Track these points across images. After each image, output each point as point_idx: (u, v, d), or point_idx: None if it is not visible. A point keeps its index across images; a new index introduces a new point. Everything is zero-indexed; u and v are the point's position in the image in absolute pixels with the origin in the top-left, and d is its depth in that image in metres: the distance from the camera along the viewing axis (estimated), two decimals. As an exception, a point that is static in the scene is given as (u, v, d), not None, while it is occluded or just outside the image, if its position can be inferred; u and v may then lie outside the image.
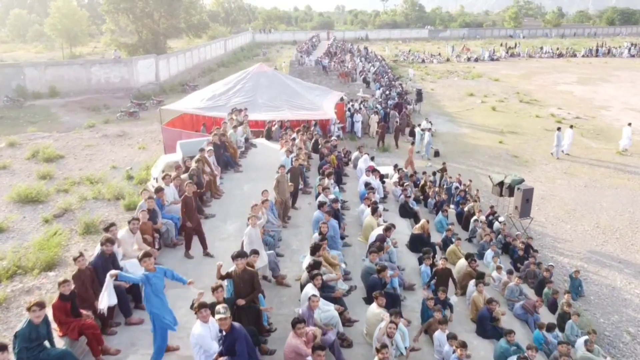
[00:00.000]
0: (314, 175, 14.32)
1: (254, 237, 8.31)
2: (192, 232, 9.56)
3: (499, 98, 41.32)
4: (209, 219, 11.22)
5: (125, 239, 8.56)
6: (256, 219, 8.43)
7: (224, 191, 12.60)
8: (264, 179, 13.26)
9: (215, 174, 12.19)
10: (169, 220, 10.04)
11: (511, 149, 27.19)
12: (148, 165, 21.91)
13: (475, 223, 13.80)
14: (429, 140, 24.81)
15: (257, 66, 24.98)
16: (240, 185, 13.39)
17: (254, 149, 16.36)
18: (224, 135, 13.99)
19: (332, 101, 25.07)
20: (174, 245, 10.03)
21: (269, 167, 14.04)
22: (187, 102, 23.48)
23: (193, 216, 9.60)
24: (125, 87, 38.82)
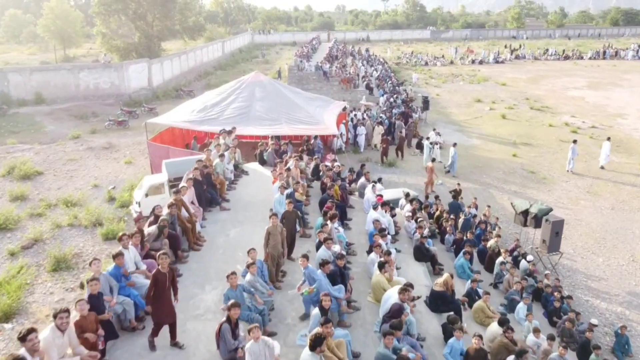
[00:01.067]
0: (314, 210, 12.36)
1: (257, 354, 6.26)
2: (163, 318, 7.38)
3: (508, 104, 39.39)
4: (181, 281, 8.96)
5: (49, 342, 5.98)
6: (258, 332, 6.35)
7: (205, 239, 10.62)
8: (255, 221, 11.33)
9: (194, 219, 10.17)
10: (125, 298, 7.78)
11: (526, 163, 25.26)
12: (132, 185, 20.01)
13: (501, 267, 11.89)
14: (454, 155, 22.82)
15: (252, 75, 23.04)
16: (226, 229, 11.34)
17: (245, 176, 14.40)
18: (207, 167, 12.02)
19: (334, 112, 23.13)
20: (132, 329, 7.76)
21: (261, 203, 12.07)
22: (176, 115, 21.55)
23: (163, 303, 7.16)
24: (115, 93, 36.89)
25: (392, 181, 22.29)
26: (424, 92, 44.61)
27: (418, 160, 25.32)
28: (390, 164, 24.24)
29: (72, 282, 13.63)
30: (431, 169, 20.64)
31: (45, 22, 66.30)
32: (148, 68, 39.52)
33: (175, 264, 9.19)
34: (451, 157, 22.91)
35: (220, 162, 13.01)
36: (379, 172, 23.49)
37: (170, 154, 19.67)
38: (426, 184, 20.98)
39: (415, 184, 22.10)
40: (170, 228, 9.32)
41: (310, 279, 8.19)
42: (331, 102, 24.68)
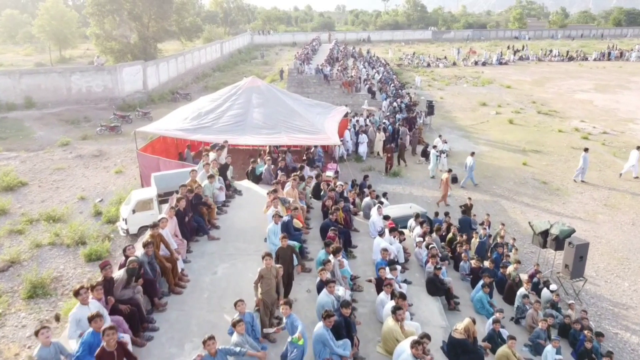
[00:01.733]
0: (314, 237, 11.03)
1: None
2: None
3: (515, 108, 38.14)
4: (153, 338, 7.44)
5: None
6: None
7: (188, 277, 9.18)
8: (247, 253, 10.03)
9: (176, 256, 8.83)
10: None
11: (537, 172, 24.01)
12: (121, 198, 18.77)
13: (524, 300, 10.65)
14: (472, 166, 21.56)
15: (249, 80, 21.76)
16: (214, 265, 9.78)
17: (239, 197, 13.18)
18: (193, 192, 10.71)
19: (336, 119, 21.89)
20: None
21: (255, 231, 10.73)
22: (168, 122, 20.30)
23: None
24: (108, 96, 35.65)
25: (397, 193, 21.05)
26: (427, 95, 43.41)
27: (423, 169, 24.08)
28: (394, 174, 22.98)
29: (49, 311, 12.39)
30: (447, 181, 19.39)
31: (40, 23, 65.00)
32: (143, 70, 38.28)
33: (152, 313, 7.91)
34: (469, 166, 21.64)
35: (209, 184, 11.79)
36: (383, 182, 22.30)
37: (161, 166, 18.45)
38: (442, 197, 19.75)
39: (422, 195, 20.87)
40: (150, 268, 7.99)
41: (293, 329, 6.98)
42: (332, 108, 23.44)
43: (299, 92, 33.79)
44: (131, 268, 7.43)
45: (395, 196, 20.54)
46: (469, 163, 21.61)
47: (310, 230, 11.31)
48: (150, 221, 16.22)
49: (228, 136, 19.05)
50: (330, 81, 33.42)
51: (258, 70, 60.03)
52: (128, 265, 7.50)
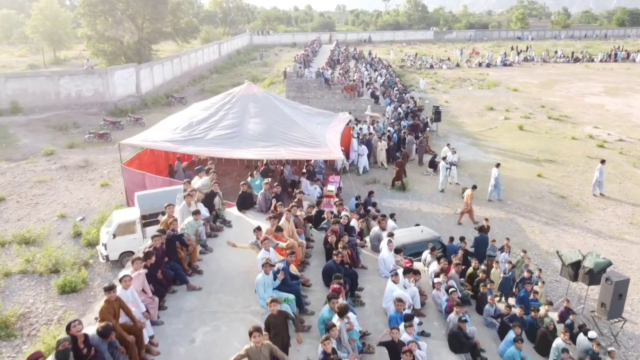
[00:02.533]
0: (316, 283, 9.33)
1: None
2: None
3: (524, 113, 36.55)
4: None
5: None
6: None
7: (158, 349, 7.21)
8: (234, 311, 8.29)
9: (140, 324, 7.11)
10: None
11: (554, 185, 22.42)
12: (103, 216, 17.19)
13: (563, 356, 9.04)
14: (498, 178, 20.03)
15: (244, 87, 20.14)
16: (191, 329, 7.90)
17: (227, 230, 11.41)
18: (167, 232, 8.71)
19: (338, 130, 20.28)
20: None
21: (245, 278, 8.97)
22: (157, 133, 18.69)
23: None
24: (99, 101, 34.05)
25: (405, 209, 19.47)
26: (431, 99, 41.84)
27: (432, 181, 22.48)
28: (400, 188, 21.36)
29: (10, 358, 10.81)
30: (470, 197, 17.81)
31: (33, 23, 63.45)
32: (136, 73, 36.69)
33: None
34: (494, 178, 20.05)
35: (194, 221, 10.09)
36: (388, 196, 20.73)
37: (147, 182, 16.87)
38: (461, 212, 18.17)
39: (431, 212, 19.28)
40: (109, 349, 6.28)
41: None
42: (334, 117, 21.83)
43: (298, 96, 32.22)
44: (61, 351, 5.81)
45: (402, 213, 18.96)
46: (495, 175, 20.02)
47: (311, 265, 9.68)
48: (132, 246, 14.80)
49: (221, 149, 17.50)
50: (331, 85, 31.83)
51: (257, 71, 58.46)
52: (57, 346, 5.87)
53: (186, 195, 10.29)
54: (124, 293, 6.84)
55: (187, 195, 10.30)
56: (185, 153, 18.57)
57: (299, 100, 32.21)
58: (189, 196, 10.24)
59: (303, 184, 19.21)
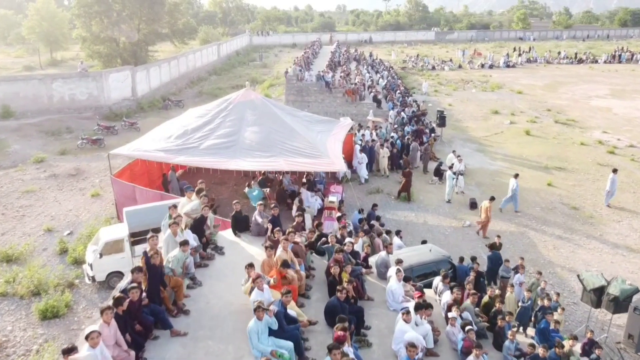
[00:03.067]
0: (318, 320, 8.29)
1: None
2: None
3: (530, 117, 35.59)
4: None
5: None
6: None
7: None
8: None
9: None
10: None
11: (565, 195, 21.46)
12: (92, 231, 16.26)
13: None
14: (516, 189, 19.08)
15: (242, 93, 19.17)
16: None
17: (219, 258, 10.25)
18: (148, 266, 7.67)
19: (339, 138, 19.32)
20: None
21: (237, 320, 8.04)
22: (148, 142, 17.74)
23: None
24: (93, 105, 33.11)
25: (410, 221, 18.53)
26: (434, 102, 40.90)
27: (438, 191, 21.53)
28: (406, 199, 20.39)
29: (-18, 396, 9.88)
30: (487, 210, 16.87)
31: (30, 24, 62.60)
32: (131, 76, 35.74)
33: None
34: (512, 190, 19.11)
35: (182, 253, 8.62)
36: (392, 207, 19.77)
37: (137, 195, 15.94)
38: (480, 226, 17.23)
39: (438, 225, 18.33)
40: None
41: None
42: (335, 124, 20.87)
43: (298, 100, 31.29)
44: None
45: (408, 226, 18.03)
46: (513, 186, 19.07)
47: (312, 299, 8.68)
48: (121, 266, 13.89)
49: (216, 159, 16.57)
50: (332, 89, 30.87)
51: (256, 73, 57.55)
52: None
53: (172, 224, 9.28)
54: (93, 353, 5.84)
55: (172, 223, 9.30)
56: (178, 164, 17.63)
57: (299, 104, 31.32)
58: (175, 224, 9.23)
59: (303, 195, 18.28)
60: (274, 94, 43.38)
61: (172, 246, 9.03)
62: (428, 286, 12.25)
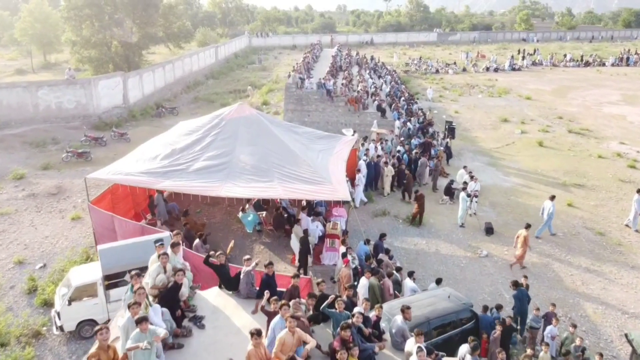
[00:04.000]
0: None
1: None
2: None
3: (541, 126, 33.86)
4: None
5: None
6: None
7: None
8: None
9: None
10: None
11: (588, 217, 19.72)
12: (67, 264, 14.56)
13: None
14: (552, 213, 17.46)
15: (235, 108, 17.39)
16: None
17: (197, 333, 8.16)
18: None
19: (342, 156, 17.58)
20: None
21: None
22: (131, 163, 15.97)
23: None
24: (82, 114, 31.37)
25: (420, 249, 16.81)
26: (440, 108, 39.20)
27: (449, 212, 19.80)
28: (418, 223, 18.64)
29: None
30: (525, 240, 15.17)
31: (22, 26, 60.86)
32: (123, 82, 34.01)
33: None
34: (547, 214, 17.42)
35: (141, 334, 6.63)
36: (401, 233, 18.06)
37: (117, 226, 14.20)
38: (519, 257, 15.50)
39: (452, 254, 16.60)
40: None
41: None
42: (338, 140, 19.11)
43: (298, 109, 29.56)
44: None
45: (418, 257, 16.32)
46: (548, 209, 17.36)
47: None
48: (93, 313, 12.16)
49: (207, 184, 14.85)
50: (333, 97, 29.14)
51: (255, 76, 55.81)
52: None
53: (132, 304, 7.29)
54: None
55: (133, 303, 7.31)
56: (163, 189, 15.91)
57: (299, 114, 29.62)
58: (136, 305, 7.23)
59: (303, 221, 16.61)
60: (273, 99, 41.67)
61: (131, 332, 7.02)
62: (447, 342, 10.59)
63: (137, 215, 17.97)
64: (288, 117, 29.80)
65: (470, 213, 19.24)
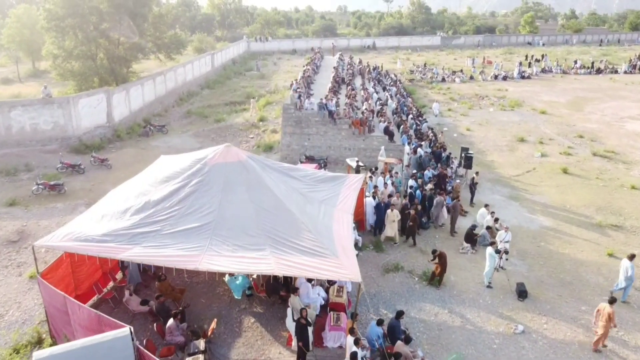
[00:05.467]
0: None
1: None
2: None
3: (562, 147, 31.08)
4: None
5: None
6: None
7: None
8: None
9: None
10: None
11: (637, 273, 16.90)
12: (8, 354, 11.76)
13: None
14: (632, 275, 14.56)
15: (221, 150, 14.42)
16: None
17: None
18: None
19: (348, 209, 14.74)
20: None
21: None
22: (92, 223, 13.11)
23: None
24: (60, 136, 28.61)
25: (442, 322, 14.01)
26: (449, 125, 36.44)
27: (472, 266, 17.02)
28: (438, 283, 15.86)
29: None
30: (610, 317, 12.39)
31: (9, 32, 58.19)
32: (107, 99, 31.24)
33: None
34: (626, 277, 14.65)
35: None
36: (417, 297, 15.26)
37: (69, 309, 11.41)
38: (602, 336, 12.71)
39: (481, 329, 13.79)
40: None
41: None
42: (342, 183, 16.20)
43: (297, 132, 26.77)
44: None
45: (441, 333, 13.51)
46: (627, 272, 14.59)
47: None
48: None
49: (184, 252, 12.04)
50: (336, 120, 26.36)
51: (252, 86, 53.00)
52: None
53: None
54: None
55: None
56: (130, 260, 13.12)
57: (297, 138, 26.85)
58: None
59: (302, 288, 13.86)
60: (271, 114, 38.88)
61: None
62: None
63: (105, 275, 15.23)
64: (286, 141, 27.03)
65: (497, 267, 16.45)
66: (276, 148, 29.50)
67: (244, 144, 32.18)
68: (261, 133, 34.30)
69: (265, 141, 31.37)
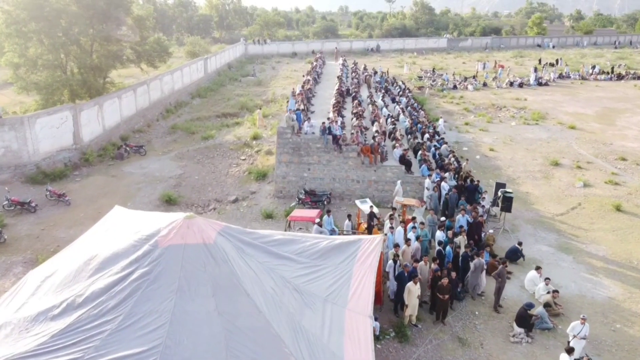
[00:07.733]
0: None
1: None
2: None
3: (605, 174, 26.55)
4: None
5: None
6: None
7: None
8: None
9: None
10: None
11: None
12: None
13: None
14: None
15: (179, 224, 9.76)
16: None
17: None
18: None
19: (366, 308, 10.20)
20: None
21: None
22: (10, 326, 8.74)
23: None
24: (13, 163, 24.10)
25: None
26: (468, 143, 31.95)
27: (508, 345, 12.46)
28: None
29: None
30: None
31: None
32: (73, 117, 26.77)
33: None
34: None
35: None
36: None
37: None
38: None
39: None
40: None
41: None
42: (352, 256, 11.61)
43: (294, 162, 22.21)
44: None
45: None
46: None
47: None
48: None
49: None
50: (342, 147, 21.82)
51: (248, 94, 48.43)
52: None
53: None
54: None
55: None
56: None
57: (295, 168, 22.28)
58: None
59: None
60: (266, 131, 34.33)
61: None
62: None
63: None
64: (281, 172, 22.47)
65: (568, 370, 11.91)
66: (270, 176, 24.94)
67: (234, 167, 27.69)
68: (254, 154, 29.76)
69: (258, 167, 26.84)
